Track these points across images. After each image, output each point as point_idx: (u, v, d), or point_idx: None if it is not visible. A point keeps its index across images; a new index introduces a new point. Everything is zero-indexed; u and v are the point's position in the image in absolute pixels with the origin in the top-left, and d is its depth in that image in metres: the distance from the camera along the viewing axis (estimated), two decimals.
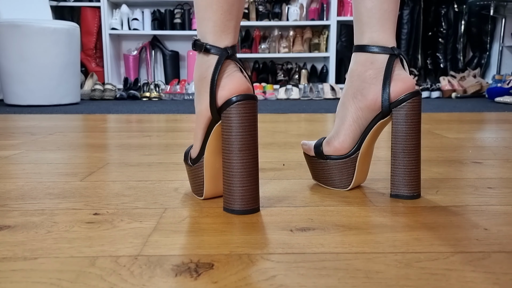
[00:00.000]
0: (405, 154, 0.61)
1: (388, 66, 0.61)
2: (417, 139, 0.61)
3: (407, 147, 0.61)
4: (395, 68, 0.62)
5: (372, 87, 0.62)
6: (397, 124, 0.61)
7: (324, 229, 0.51)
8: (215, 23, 0.55)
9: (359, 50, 0.64)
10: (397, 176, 0.62)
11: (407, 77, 0.61)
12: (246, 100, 0.54)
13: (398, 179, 0.62)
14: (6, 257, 0.44)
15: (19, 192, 0.68)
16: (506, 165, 0.86)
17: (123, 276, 0.40)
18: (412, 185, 0.61)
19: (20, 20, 2.36)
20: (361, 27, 0.63)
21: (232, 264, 0.42)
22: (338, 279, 0.39)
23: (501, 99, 2.56)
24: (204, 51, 0.56)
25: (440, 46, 3.48)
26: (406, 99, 0.60)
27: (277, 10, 3.35)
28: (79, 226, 0.52)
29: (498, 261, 0.42)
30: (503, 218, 0.55)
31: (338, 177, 0.67)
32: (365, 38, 0.63)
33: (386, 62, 0.61)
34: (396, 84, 0.61)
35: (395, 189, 0.62)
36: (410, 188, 0.62)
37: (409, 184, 0.61)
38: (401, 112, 0.60)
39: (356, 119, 0.64)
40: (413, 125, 0.60)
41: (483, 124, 1.57)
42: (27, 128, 1.47)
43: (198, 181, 0.62)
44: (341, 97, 0.67)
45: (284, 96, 3.11)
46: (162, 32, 3.35)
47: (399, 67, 0.62)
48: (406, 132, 0.60)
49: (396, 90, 0.61)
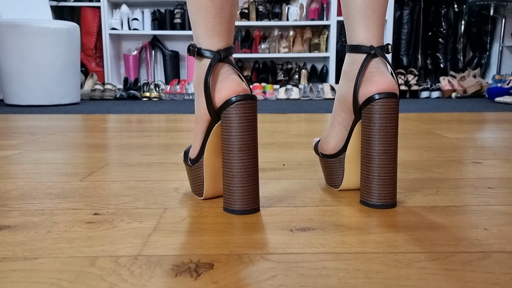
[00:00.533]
0: (366, 160, 0.58)
1: (361, 67, 0.58)
2: (384, 145, 0.56)
3: (371, 153, 0.57)
4: (370, 68, 0.59)
5: (350, 88, 0.61)
6: (364, 127, 0.58)
7: (324, 229, 0.51)
8: (206, 27, 0.56)
9: (347, 49, 0.63)
10: (363, 182, 0.59)
11: (382, 78, 0.57)
12: (246, 100, 0.54)
13: (363, 185, 0.59)
14: (6, 257, 0.44)
15: (19, 192, 0.68)
16: (506, 165, 0.86)
17: (123, 276, 0.40)
18: (380, 193, 0.58)
19: (20, 20, 2.36)
20: (347, 24, 0.62)
21: (232, 264, 0.42)
22: (338, 279, 0.39)
23: (501, 99, 2.56)
24: (197, 55, 0.57)
25: (440, 46, 3.48)
26: (372, 100, 0.56)
27: (277, 10, 3.35)
28: (79, 226, 0.52)
29: (498, 261, 0.42)
30: (503, 218, 0.55)
31: (330, 175, 0.68)
32: (350, 36, 0.62)
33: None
34: (365, 85, 0.58)
35: (364, 196, 0.60)
36: (379, 195, 0.58)
37: (374, 192, 0.58)
38: (366, 115, 0.57)
39: (340, 121, 0.64)
40: (381, 129, 0.56)
41: (483, 124, 1.57)
42: (27, 128, 1.47)
43: (198, 181, 0.62)
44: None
45: (284, 96, 3.11)
46: (162, 32, 3.35)
47: (376, 68, 0.59)
48: (369, 136, 0.57)
49: (363, 93, 0.58)
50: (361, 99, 0.59)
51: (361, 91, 0.58)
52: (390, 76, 0.58)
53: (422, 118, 1.77)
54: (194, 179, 0.63)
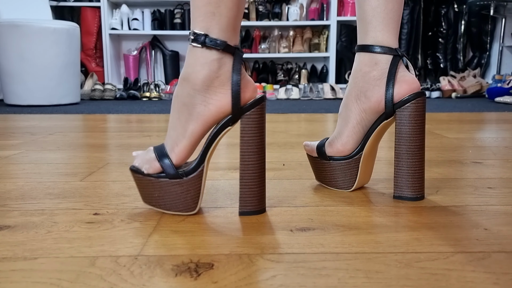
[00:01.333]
0: (409, 155, 0.60)
1: (392, 67, 0.61)
2: (421, 141, 0.60)
3: (411, 149, 0.60)
4: (399, 69, 0.61)
5: (376, 88, 0.62)
6: (401, 125, 0.61)
7: (324, 229, 0.51)
8: (229, 20, 0.52)
9: (363, 50, 0.63)
10: (400, 177, 0.61)
11: (412, 78, 0.61)
12: (263, 102, 0.55)
13: (401, 181, 0.61)
14: (6, 257, 0.44)
15: (19, 192, 0.68)
16: (506, 165, 0.86)
17: (123, 276, 0.40)
18: (415, 187, 0.61)
19: (20, 20, 2.36)
20: (365, 26, 0.63)
21: (232, 264, 0.42)
22: (338, 279, 0.39)
23: (501, 99, 2.56)
24: (217, 48, 0.52)
25: (440, 46, 3.48)
26: (410, 99, 0.60)
27: (277, 10, 3.35)
28: (79, 226, 0.52)
29: (498, 261, 0.42)
30: (503, 218, 0.55)
31: (341, 178, 0.67)
32: (369, 37, 0.63)
33: (390, 63, 0.61)
34: (400, 85, 0.61)
35: (398, 190, 0.62)
36: (414, 190, 0.61)
37: (412, 186, 0.61)
38: (405, 113, 0.60)
39: (359, 121, 0.64)
40: (417, 126, 0.60)
41: (483, 124, 1.57)
42: (27, 128, 1.47)
43: (190, 194, 0.55)
44: (344, 97, 0.67)
45: (284, 96, 3.11)
46: (162, 32, 3.35)
47: (403, 68, 0.62)
48: (410, 133, 0.60)
49: (400, 92, 0.60)
50: (397, 99, 0.61)
51: (397, 90, 0.60)
52: (415, 77, 0.62)
53: None
54: (185, 193, 0.55)
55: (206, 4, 0.52)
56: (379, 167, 0.84)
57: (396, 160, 0.61)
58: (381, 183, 0.72)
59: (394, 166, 0.62)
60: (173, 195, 0.55)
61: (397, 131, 0.61)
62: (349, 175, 0.66)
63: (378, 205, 0.60)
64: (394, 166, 0.62)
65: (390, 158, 0.93)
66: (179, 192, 0.55)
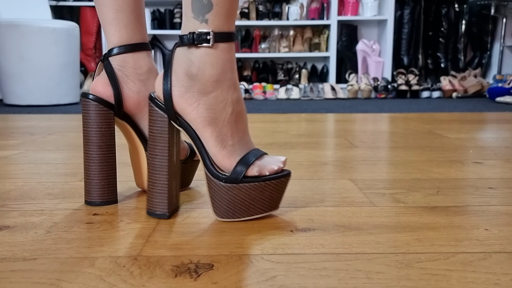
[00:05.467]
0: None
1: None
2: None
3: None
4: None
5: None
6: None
7: (324, 229, 0.51)
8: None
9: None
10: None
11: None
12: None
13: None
14: (6, 257, 0.44)
15: (18, 192, 0.68)
16: (507, 165, 0.86)
17: (122, 277, 0.39)
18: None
19: (20, 20, 2.36)
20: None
21: (232, 264, 0.42)
22: (338, 279, 0.39)
23: (502, 99, 2.56)
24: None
25: (441, 46, 3.48)
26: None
27: (277, 10, 3.35)
28: (78, 227, 0.52)
29: (499, 261, 0.42)
30: (504, 218, 0.54)
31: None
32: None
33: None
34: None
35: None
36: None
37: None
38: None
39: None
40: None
41: (484, 124, 1.57)
42: (26, 128, 1.47)
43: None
44: None
45: (285, 96, 3.11)
46: (162, 31, 3.35)
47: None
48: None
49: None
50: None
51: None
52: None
53: (423, 118, 1.77)
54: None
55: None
56: (379, 167, 0.84)
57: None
58: (381, 183, 0.72)
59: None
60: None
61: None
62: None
63: (378, 205, 0.60)
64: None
65: (390, 158, 0.93)
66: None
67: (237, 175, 0.51)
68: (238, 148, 0.53)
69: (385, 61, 3.32)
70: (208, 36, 0.49)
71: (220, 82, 0.51)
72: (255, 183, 0.52)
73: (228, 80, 0.52)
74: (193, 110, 0.51)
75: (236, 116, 0.53)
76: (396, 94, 3.13)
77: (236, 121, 0.53)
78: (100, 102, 0.58)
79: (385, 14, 3.28)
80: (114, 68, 0.60)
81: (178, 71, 0.52)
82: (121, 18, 0.60)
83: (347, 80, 3.30)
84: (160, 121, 0.53)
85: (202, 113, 0.51)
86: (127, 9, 0.60)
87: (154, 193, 0.54)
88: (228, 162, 0.52)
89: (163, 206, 0.54)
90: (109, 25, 0.60)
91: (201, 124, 0.52)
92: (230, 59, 0.52)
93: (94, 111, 0.58)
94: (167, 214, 0.54)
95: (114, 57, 0.60)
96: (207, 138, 0.52)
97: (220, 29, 0.50)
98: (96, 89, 0.59)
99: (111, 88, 0.59)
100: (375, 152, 1.00)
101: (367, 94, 3.11)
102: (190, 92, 0.51)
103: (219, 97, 0.52)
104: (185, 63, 0.51)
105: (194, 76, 0.51)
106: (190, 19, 0.50)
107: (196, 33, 0.49)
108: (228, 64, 0.52)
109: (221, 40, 0.50)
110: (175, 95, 0.52)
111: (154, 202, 0.55)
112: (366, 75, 3.26)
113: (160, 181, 0.54)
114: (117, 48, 0.60)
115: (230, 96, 0.52)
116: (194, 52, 0.50)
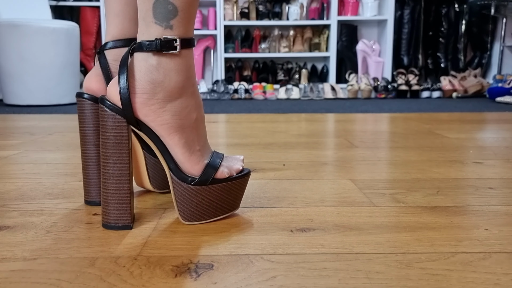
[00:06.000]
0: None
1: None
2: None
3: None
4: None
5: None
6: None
7: (324, 229, 0.51)
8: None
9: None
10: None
11: None
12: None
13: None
14: (6, 257, 0.44)
15: (18, 192, 0.68)
16: (507, 165, 0.86)
17: (122, 277, 0.39)
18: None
19: (20, 20, 2.36)
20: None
21: (232, 264, 0.42)
22: (338, 279, 0.39)
23: (502, 99, 2.56)
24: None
25: (441, 46, 3.48)
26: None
27: (277, 10, 3.35)
28: (78, 227, 0.52)
29: (499, 261, 0.42)
30: (504, 218, 0.54)
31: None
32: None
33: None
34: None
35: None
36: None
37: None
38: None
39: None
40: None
41: (484, 124, 1.57)
42: (26, 128, 1.47)
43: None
44: None
45: (285, 96, 3.11)
46: None
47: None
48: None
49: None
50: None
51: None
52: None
53: (423, 118, 1.77)
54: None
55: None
56: (379, 167, 0.84)
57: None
58: (381, 183, 0.72)
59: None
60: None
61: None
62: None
63: (378, 205, 0.60)
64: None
65: (390, 158, 0.93)
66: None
67: (207, 177, 0.51)
68: (204, 153, 0.53)
69: (385, 61, 3.32)
70: (175, 42, 0.48)
71: (185, 89, 0.51)
72: (223, 183, 0.52)
73: (192, 86, 0.52)
74: (158, 117, 0.50)
75: (199, 121, 0.53)
76: (396, 94, 3.13)
77: (198, 127, 0.53)
78: (95, 101, 0.58)
79: (385, 14, 3.28)
80: (109, 63, 0.58)
81: (140, 78, 0.49)
82: (128, 11, 0.58)
83: (347, 80, 3.30)
84: (118, 127, 0.49)
85: (167, 120, 0.50)
86: (135, 2, 0.59)
87: (112, 204, 0.50)
88: (197, 168, 0.52)
89: (125, 217, 0.51)
90: (115, 17, 0.58)
91: (168, 130, 0.50)
92: (192, 65, 0.52)
93: (90, 110, 0.58)
94: (130, 225, 0.51)
95: (109, 51, 0.59)
96: (174, 145, 0.51)
97: (184, 35, 0.49)
98: (90, 86, 0.58)
99: (104, 84, 0.58)
100: (375, 152, 1.00)
101: (367, 94, 3.11)
102: (154, 99, 0.49)
103: (184, 103, 0.51)
104: (147, 70, 0.49)
105: (160, 83, 0.49)
106: (151, 24, 0.48)
107: (162, 40, 0.48)
108: (191, 70, 0.52)
109: (186, 46, 0.50)
110: (137, 102, 0.49)
111: (113, 214, 0.50)
112: (366, 75, 3.26)
113: (119, 191, 0.50)
114: (113, 42, 0.58)
115: (194, 102, 0.52)
116: (158, 59, 0.49)
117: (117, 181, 0.50)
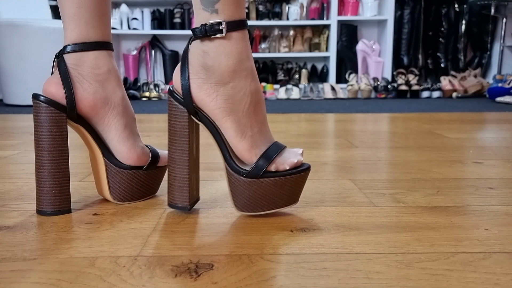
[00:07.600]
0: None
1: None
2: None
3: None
4: None
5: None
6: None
7: (324, 229, 0.51)
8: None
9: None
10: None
11: None
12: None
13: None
14: (5, 257, 0.44)
15: (18, 192, 0.67)
16: (507, 165, 0.86)
17: (122, 277, 0.39)
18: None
19: (20, 20, 2.36)
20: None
21: (232, 264, 0.42)
22: (338, 279, 0.39)
23: (502, 99, 2.56)
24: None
25: (441, 46, 3.48)
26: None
27: (277, 10, 3.35)
28: (78, 227, 0.52)
29: (499, 261, 0.42)
30: (504, 218, 0.54)
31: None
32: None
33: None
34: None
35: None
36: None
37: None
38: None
39: None
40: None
41: (484, 124, 1.57)
42: (26, 128, 1.47)
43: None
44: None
45: (284, 96, 3.11)
46: (161, 31, 3.35)
47: None
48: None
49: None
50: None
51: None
52: None
53: (423, 118, 1.77)
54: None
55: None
56: (379, 167, 0.84)
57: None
58: (381, 183, 0.72)
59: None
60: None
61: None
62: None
63: (378, 205, 0.60)
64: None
65: (390, 158, 0.93)
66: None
67: (258, 170, 0.52)
68: (258, 139, 0.53)
69: (385, 61, 3.32)
70: (220, 26, 0.49)
71: (237, 72, 0.51)
72: (275, 178, 0.52)
73: (245, 69, 0.52)
74: (211, 101, 0.51)
75: (255, 106, 0.53)
76: (396, 94, 3.13)
77: (255, 111, 0.53)
78: (50, 104, 0.54)
79: (385, 14, 3.28)
80: (69, 67, 0.56)
81: (194, 64, 0.51)
82: (82, 14, 0.57)
83: (347, 80, 3.30)
84: (180, 116, 0.53)
85: (220, 104, 0.51)
86: (90, 5, 0.57)
87: (175, 187, 0.55)
88: (248, 154, 0.52)
89: (184, 199, 0.55)
90: (69, 20, 0.57)
91: (220, 114, 0.51)
92: (245, 47, 0.51)
93: (45, 113, 0.54)
94: (188, 207, 0.55)
95: (69, 55, 0.56)
96: (227, 128, 0.52)
97: (231, 17, 0.49)
98: (49, 89, 0.55)
99: (63, 88, 0.55)
100: (375, 152, 1.00)
101: (367, 94, 3.11)
102: (208, 83, 0.51)
103: (237, 87, 0.51)
104: (199, 55, 0.51)
105: (210, 68, 0.51)
106: (200, 11, 0.50)
107: (208, 25, 0.49)
108: (243, 53, 0.51)
109: (234, 28, 0.50)
110: (193, 87, 0.51)
111: (175, 196, 0.55)
112: (366, 75, 3.26)
113: (180, 175, 0.54)
114: (72, 45, 0.56)
115: (248, 85, 0.52)
116: (207, 44, 0.50)
117: (179, 166, 0.54)
